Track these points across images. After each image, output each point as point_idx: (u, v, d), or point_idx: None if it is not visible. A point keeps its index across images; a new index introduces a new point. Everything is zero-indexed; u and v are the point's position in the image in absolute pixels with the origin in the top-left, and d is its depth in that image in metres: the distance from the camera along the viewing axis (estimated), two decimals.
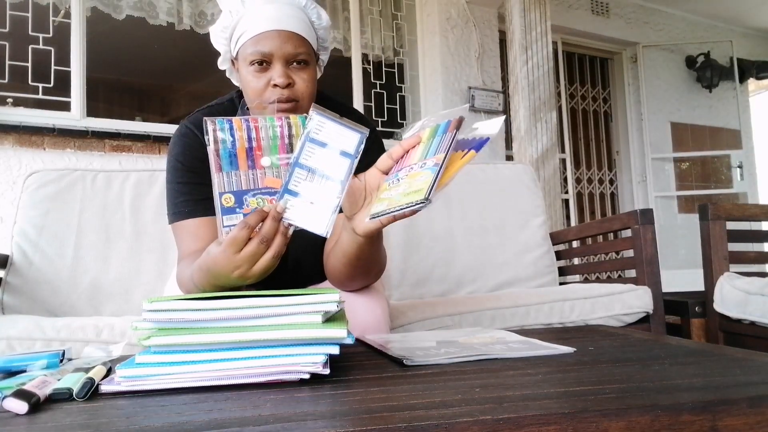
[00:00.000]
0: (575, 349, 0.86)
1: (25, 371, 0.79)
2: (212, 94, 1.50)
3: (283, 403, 0.60)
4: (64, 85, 2.87)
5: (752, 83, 5.94)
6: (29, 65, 2.82)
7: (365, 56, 3.79)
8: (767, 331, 1.70)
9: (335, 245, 1.00)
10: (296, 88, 1.06)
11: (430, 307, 1.58)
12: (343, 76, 3.70)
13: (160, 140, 2.93)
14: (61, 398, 0.64)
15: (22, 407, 0.58)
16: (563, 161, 4.62)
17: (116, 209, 1.84)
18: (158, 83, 5.85)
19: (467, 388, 0.63)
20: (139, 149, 2.90)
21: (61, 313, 1.67)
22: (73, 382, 0.66)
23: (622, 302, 1.75)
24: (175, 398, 0.64)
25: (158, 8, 3.20)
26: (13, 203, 2.32)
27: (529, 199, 2.31)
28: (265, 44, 1.04)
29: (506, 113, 3.92)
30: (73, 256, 1.75)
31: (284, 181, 0.79)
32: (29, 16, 2.84)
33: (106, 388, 0.67)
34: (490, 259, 2.17)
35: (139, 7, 3.16)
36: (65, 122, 2.80)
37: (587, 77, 5.14)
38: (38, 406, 0.61)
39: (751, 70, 5.59)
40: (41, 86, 2.83)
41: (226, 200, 0.79)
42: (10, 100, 2.81)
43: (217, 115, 1.05)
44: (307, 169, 0.79)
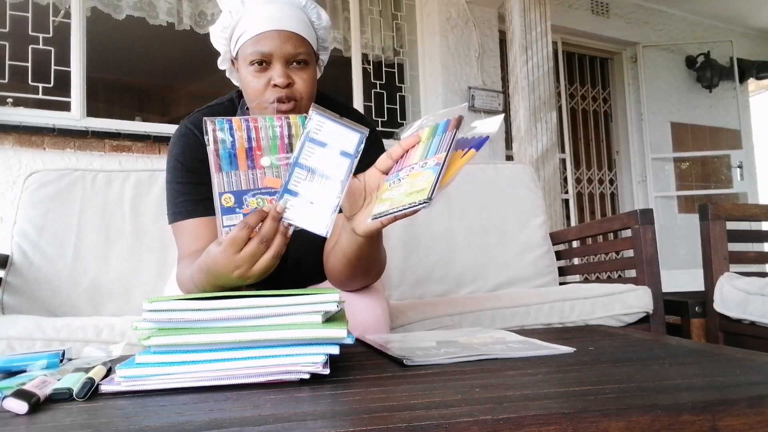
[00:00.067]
0: (575, 349, 0.86)
1: (25, 371, 0.79)
2: (212, 94, 1.50)
3: (283, 403, 0.60)
4: (64, 85, 2.87)
5: (752, 83, 5.94)
6: (29, 65, 2.82)
7: (365, 56, 3.79)
8: (767, 331, 1.70)
9: (335, 245, 1.00)
10: (296, 88, 1.06)
11: (430, 307, 1.58)
12: (343, 76, 3.70)
13: (160, 140, 2.94)
14: (61, 398, 0.64)
15: (22, 407, 0.58)
16: (563, 161, 4.62)
17: (116, 209, 1.84)
18: (158, 83, 5.85)
19: (467, 388, 0.63)
20: (139, 149, 2.91)
21: (61, 313, 1.67)
22: (73, 382, 0.66)
23: (622, 302, 1.75)
24: (175, 398, 0.64)
25: (158, 8, 3.20)
26: (13, 203, 2.32)
27: (529, 199, 2.31)
28: (265, 44, 1.04)
29: (506, 113, 3.92)
30: (73, 256, 1.75)
31: (284, 181, 0.78)
32: (29, 16, 2.84)
33: (106, 388, 0.67)
34: (490, 259, 2.17)
35: (139, 7, 3.16)
36: (65, 122, 2.80)
37: (587, 77, 5.14)
38: (38, 406, 0.61)
39: (751, 70, 5.59)
40: (41, 86, 2.83)
41: (225, 200, 0.79)
42: (10, 100, 2.81)
43: (216, 115, 1.05)
44: (306, 169, 0.78)
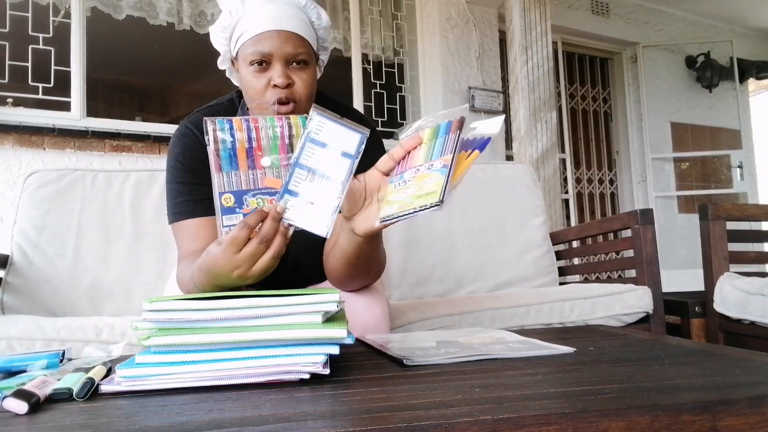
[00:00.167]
0: (575, 349, 0.86)
1: (25, 371, 0.79)
2: (212, 94, 1.50)
3: (283, 403, 0.60)
4: (64, 85, 2.87)
5: (752, 83, 5.94)
6: (29, 65, 2.82)
7: (365, 56, 3.79)
8: (767, 331, 1.70)
9: (334, 245, 1.00)
10: (296, 88, 1.06)
11: (430, 307, 1.58)
12: (343, 76, 3.70)
13: (160, 140, 2.94)
14: (61, 398, 0.64)
15: (22, 407, 0.58)
16: (563, 161, 4.62)
17: (116, 209, 1.84)
18: (158, 83, 5.85)
19: (467, 388, 0.63)
20: (139, 149, 2.91)
21: (61, 313, 1.67)
22: (73, 382, 0.66)
23: (622, 302, 1.75)
24: (175, 398, 0.64)
25: (158, 8, 3.20)
26: (13, 203, 2.32)
27: (529, 199, 2.31)
28: (264, 44, 1.04)
29: (506, 113, 3.92)
30: (73, 256, 1.75)
31: (284, 181, 0.78)
32: (29, 16, 2.84)
33: (106, 388, 0.67)
34: (490, 259, 2.17)
35: (139, 7, 3.16)
36: (65, 122, 2.80)
37: (587, 77, 5.14)
38: (38, 406, 0.61)
39: (751, 70, 5.59)
40: (41, 86, 2.83)
41: (225, 200, 0.79)
42: (10, 100, 2.81)
43: (216, 115, 1.05)
44: (307, 169, 0.78)
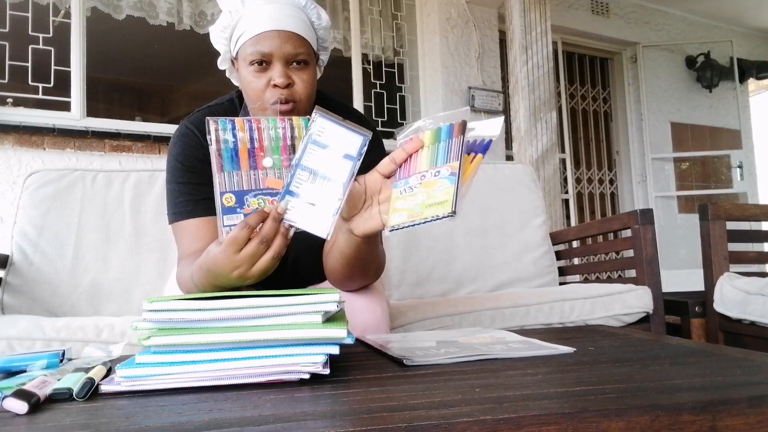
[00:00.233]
0: (575, 349, 0.86)
1: (25, 371, 0.79)
2: (212, 94, 1.50)
3: (283, 403, 0.60)
4: (64, 85, 2.87)
5: (752, 83, 5.94)
6: (29, 65, 2.82)
7: (365, 56, 3.79)
8: (767, 331, 1.70)
9: (332, 246, 1.00)
10: (296, 88, 1.06)
11: (430, 307, 1.58)
12: (343, 76, 3.70)
13: (160, 140, 2.94)
14: (61, 398, 0.64)
15: (22, 407, 0.58)
16: (563, 161, 4.62)
17: (116, 209, 1.84)
18: (158, 83, 5.84)
19: (467, 388, 0.63)
20: (139, 149, 2.91)
21: (61, 313, 1.67)
22: (73, 382, 0.66)
23: (622, 302, 1.75)
24: (175, 398, 0.64)
25: (158, 8, 3.20)
26: (13, 203, 2.32)
27: (529, 199, 2.31)
28: (264, 44, 1.04)
29: (506, 113, 3.92)
30: (73, 256, 1.75)
31: (286, 182, 0.79)
32: (29, 16, 2.84)
33: (106, 388, 0.67)
34: (490, 259, 2.17)
35: (139, 7, 3.16)
36: (65, 122, 2.80)
37: (587, 77, 5.14)
38: (38, 406, 0.61)
39: (751, 70, 5.59)
40: (41, 86, 2.83)
41: (227, 200, 0.79)
42: (10, 100, 2.81)
43: (216, 115, 1.05)
44: (308, 170, 0.79)
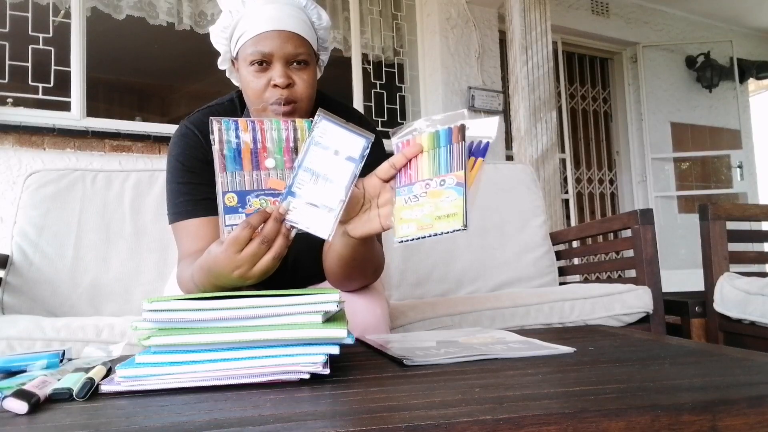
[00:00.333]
0: (575, 349, 0.86)
1: (25, 371, 0.79)
2: (212, 94, 1.50)
3: (283, 403, 0.60)
4: (64, 85, 2.87)
5: (752, 83, 5.94)
6: (29, 65, 2.82)
7: (365, 56, 3.79)
8: (767, 331, 1.70)
9: (329, 247, 1.00)
10: (296, 88, 1.06)
11: (430, 307, 1.58)
12: (343, 76, 3.70)
13: (160, 140, 2.94)
14: (61, 398, 0.64)
15: (22, 407, 0.58)
16: (563, 161, 4.61)
17: (116, 209, 1.84)
18: (158, 83, 5.84)
19: (467, 388, 0.63)
20: (139, 149, 2.91)
21: (61, 313, 1.67)
22: (73, 382, 0.66)
23: (622, 302, 1.75)
24: (175, 398, 0.64)
25: (158, 8, 3.20)
26: (13, 203, 2.31)
27: (529, 199, 2.31)
28: (265, 44, 1.04)
29: (506, 113, 3.92)
30: (73, 256, 1.75)
31: (288, 183, 0.79)
32: (29, 16, 2.84)
33: (106, 388, 0.67)
34: (490, 259, 2.17)
35: (139, 7, 3.16)
36: (65, 122, 2.80)
37: (587, 77, 5.14)
38: (38, 406, 0.61)
39: (751, 70, 5.59)
40: (41, 86, 2.83)
41: (229, 200, 0.80)
42: (10, 100, 2.81)
43: (217, 115, 1.05)
44: (311, 172, 0.79)
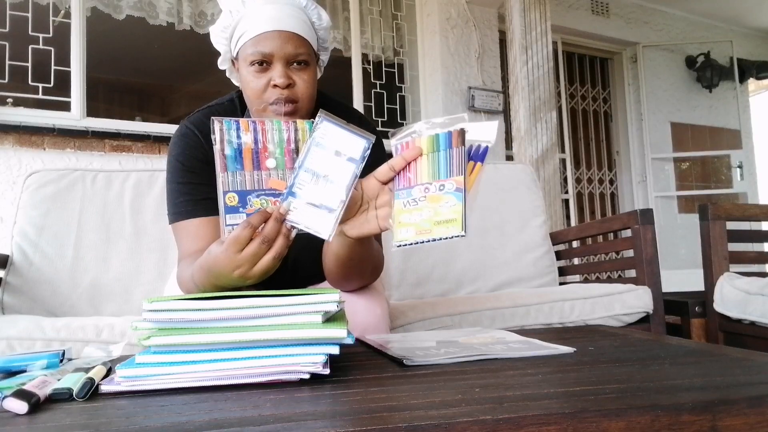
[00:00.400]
0: (575, 349, 0.86)
1: (25, 371, 0.79)
2: (212, 94, 1.50)
3: (283, 403, 0.60)
4: (64, 85, 2.87)
5: (752, 83, 5.94)
6: (29, 65, 2.82)
7: (365, 56, 3.79)
8: (767, 331, 1.70)
9: (327, 247, 1.00)
10: (296, 88, 1.06)
11: (430, 307, 1.58)
12: (343, 76, 3.70)
13: (160, 140, 2.93)
14: (61, 398, 0.64)
15: (22, 407, 0.58)
16: (563, 161, 4.61)
17: (116, 209, 1.84)
18: (158, 83, 5.84)
19: (467, 388, 0.63)
20: (139, 149, 2.91)
21: (61, 313, 1.67)
22: (73, 382, 0.66)
23: (622, 302, 1.75)
24: (175, 398, 0.64)
25: (158, 8, 3.20)
26: (13, 203, 2.32)
27: (529, 199, 2.31)
28: (265, 44, 1.04)
29: (506, 113, 3.92)
30: (73, 256, 1.75)
31: (289, 183, 0.79)
32: (29, 16, 2.84)
33: (106, 388, 0.67)
34: (490, 259, 2.17)
35: (139, 7, 3.16)
36: (65, 122, 2.80)
37: (587, 77, 5.14)
38: (38, 406, 0.61)
39: (751, 70, 5.59)
40: (41, 86, 2.83)
41: (229, 199, 0.80)
42: (10, 100, 2.81)
43: (217, 115, 1.05)
44: (312, 172, 0.79)
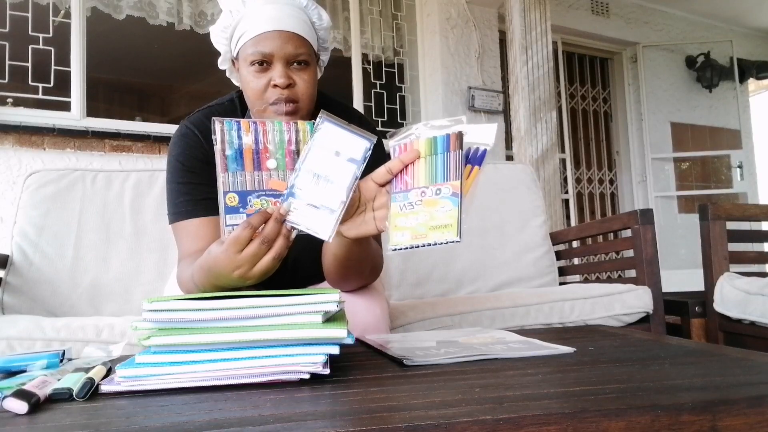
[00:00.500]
0: (575, 349, 0.86)
1: (25, 371, 0.79)
2: (212, 94, 1.50)
3: (283, 403, 0.60)
4: (64, 85, 2.87)
5: (752, 83, 5.94)
6: (29, 65, 2.82)
7: (365, 56, 3.79)
8: (767, 331, 1.70)
9: (326, 248, 1.01)
10: (296, 88, 1.06)
11: (430, 307, 1.58)
12: (343, 76, 3.70)
13: (160, 140, 2.94)
14: (61, 398, 0.64)
15: (22, 407, 0.58)
16: (563, 161, 4.61)
17: (116, 209, 1.84)
18: (158, 83, 5.84)
19: (467, 388, 0.63)
20: (139, 149, 2.91)
21: (61, 313, 1.67)
22: (73, 382, 0.66)
23: (622, 302, 1.74)
24: (175, 398, 0.64)
25: (158, 8, 3.20)
26: (13, 203, 2.31)
27: (529, 199, 2.31)
28: (265, 44, 1.04)
29: (506, 113, 3.92)
30: (73, 256, 1.75)
31: (289, 184, 0.79)
32: (29, 16, 2.84)
33: (106, 388, 0.67)
34: (490, 259, 2.17)
35: (139, 7, 3.16)
36: (65, 122, 2.80)
37: (587, 77, 5.14)
38: (38, 406, 0.61)
39: (751, 70, 5.59)
40: (41, 86, 2.83)
41: (230, 200, 0.80)
42: (10, 100, 2.81)
43: (217, 115, 1.05)
44: (312, 173, 0.79)
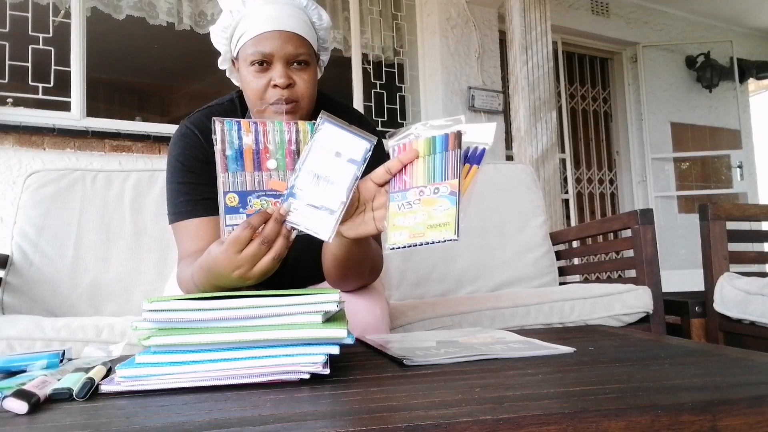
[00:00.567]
0: (575, 349, 0.86)
1: (25, 371, 0.79)
2: (212, 94, 1.50)
3: (283, 403, 0.60)
4: (64, 85, 2.87)
5: (752, 83, 5.94)
6: (29, 65, 2.82)
7: (365, 56, 3.79)
8: (767, 331, 1.70)
9: (325, 248, 1.01)
10: (296, 88, 1.06)
11: (430, 307, 1.58)
12: (343, 76, 3.70)
13: (160, 140, 2.94)
14: (61, 398, 0.64)
15: (22, 407, 0.58)
16: (563, 161, 4.61)
17: (116, 209, 1.84)
18: (158, 83, 5.84)
19: (467, 388, 0.63)
20: (139, 149, 2.91)
21: (61, 313, 1.67)
22: (73, 382, 0.66)
23: (622, 302, 1.74)
24: (175, 398, 0.64)
25: (158, 8, 3.20)
26: (13, 203, 2.31)
27: (529, 199, 2.31)
28: (265, 44, 1.04)
29: (506, 113, 3.92)
30: (73, 256, 1.75)
31: (289, 184, 0.79)
32: (29, 16, 2.84)
33: (106, 388, 0.67)
34: (490, 259, 2.17)
35: (139, 7, 3.16)
36: (65, 122, 2.80)
37: (587, 77, 5.14)
38: (38, 406, 0.61)
39: (751, 70, 5.59)
40: (41, 86, 2.83)
41: (230, 200, 0.80)
42: (10, 100, 2.81)
43: (217, 115, 1.05)
44: (312, 174, 0.79)
